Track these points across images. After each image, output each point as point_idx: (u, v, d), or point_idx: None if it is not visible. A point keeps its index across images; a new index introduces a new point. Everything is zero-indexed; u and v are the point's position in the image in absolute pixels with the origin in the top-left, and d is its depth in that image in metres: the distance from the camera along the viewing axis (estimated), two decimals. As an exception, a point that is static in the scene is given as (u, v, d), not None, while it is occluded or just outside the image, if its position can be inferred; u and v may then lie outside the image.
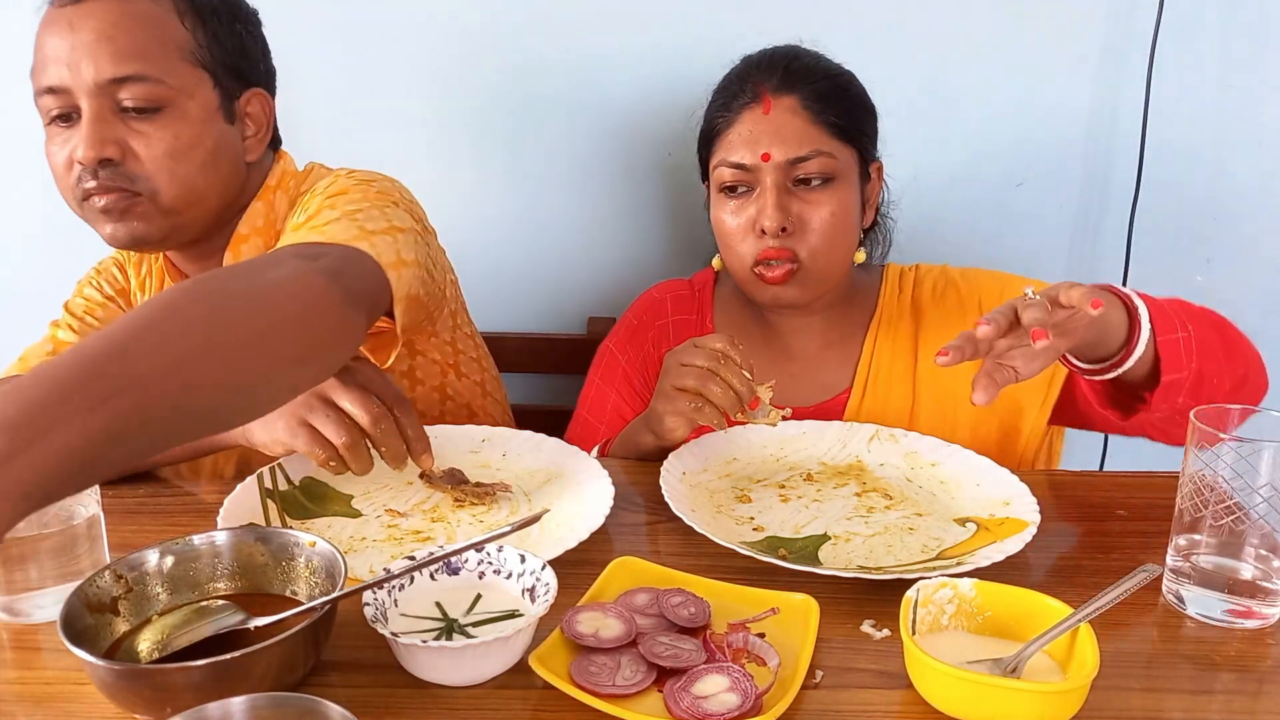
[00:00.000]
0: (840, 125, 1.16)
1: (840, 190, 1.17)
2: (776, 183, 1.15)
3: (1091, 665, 0.67)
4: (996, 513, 0.97)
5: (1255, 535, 0.80)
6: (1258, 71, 1.54)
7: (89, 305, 1.21)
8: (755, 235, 1.16)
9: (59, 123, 1.05)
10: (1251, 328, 1.67)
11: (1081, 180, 1.60)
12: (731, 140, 1.17)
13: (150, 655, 0.71)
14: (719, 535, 0.88)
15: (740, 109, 1.18)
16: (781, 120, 1.15)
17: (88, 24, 1.02)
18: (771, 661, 0.73)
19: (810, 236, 1.16)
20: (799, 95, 1.16)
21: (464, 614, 0.76)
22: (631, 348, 1.31)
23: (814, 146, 1.15)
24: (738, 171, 1.16)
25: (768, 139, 1.15)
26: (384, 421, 0.88)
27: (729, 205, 1.19)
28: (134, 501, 0.99)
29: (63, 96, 1.03)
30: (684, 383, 1.01)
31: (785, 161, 1.14)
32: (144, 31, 1.04)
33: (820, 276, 1.18)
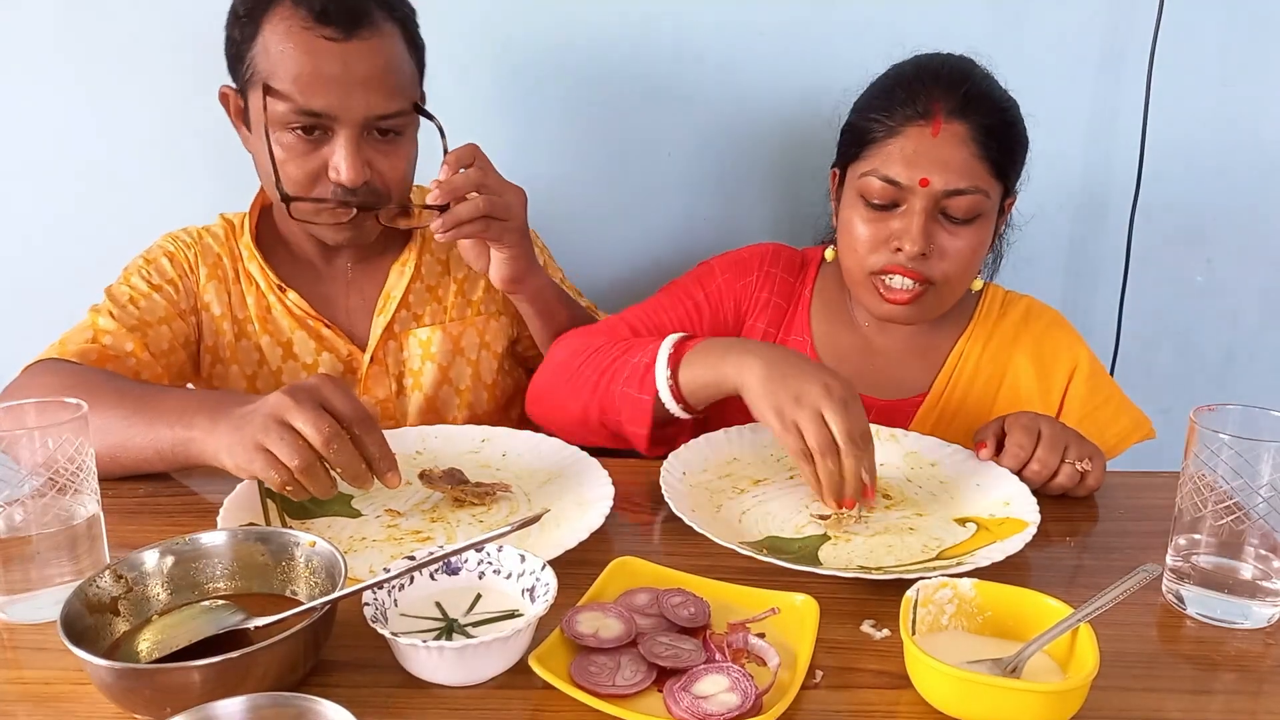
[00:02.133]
0: (999, 163, 1.14)
1: (983, 226, 1.15)
2: (926, 208, 1.12)
3: (1091, 665, 0.67)
4: (996, 513, 0.97)
5: (1255, 535, 0.80)
6: (1258, 71, 1.54)
7: (134, 294, 1.20)
8: (889, 250, 1.14)
9: (300, 133, 1.12)
10: (1251, 327, 1.69)
11: (1081, 180, 1.60)
12: (890, 152, 1.13)
13: (150, 655, 0.71)
14: (719, 535, 0.88)
15: (906, 121, 1.13)
16: (948, 147, 1.11)
17: (362, 63, 1.11)
18: (771, 661, 0.73)
19: (944, 265, 1.14)
20: (970, 125, 1.12)
21: (464, 614, 0.76)
22: (735, 272, 1.30)
23: (973, 182, 1.12)
24: (889, 187, 1.13)
25: (929, 163, 1.11)
26: (336, 442, 0.85)
27: (867, 213, 1.16)
28: (134, 501, 0.99)
29: (321, 118, 1.11)
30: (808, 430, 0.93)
31: (942, 191, 1.11)
32: (401, 68, 1.16)
33: (944, 300, 1.19)
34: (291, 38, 1.10)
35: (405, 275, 1.31)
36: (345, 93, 1.10)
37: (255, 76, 1.13)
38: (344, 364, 1.29)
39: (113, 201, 1.56)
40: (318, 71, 1.09)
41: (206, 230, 1.30)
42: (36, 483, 0.78)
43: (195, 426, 0.94)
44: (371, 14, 1.12)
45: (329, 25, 1.09)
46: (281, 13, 1.11)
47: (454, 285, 1.35)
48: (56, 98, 1.50)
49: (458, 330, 1.33)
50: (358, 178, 1.13)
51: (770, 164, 1.59)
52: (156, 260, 1.25)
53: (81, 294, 1.23)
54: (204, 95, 1.51)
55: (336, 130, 1.12)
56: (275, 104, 1.11)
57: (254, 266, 1.27)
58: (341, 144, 1.12)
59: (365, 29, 1.11)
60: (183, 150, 1.54)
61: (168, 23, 1.48)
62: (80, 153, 1.53)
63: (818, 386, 0.95)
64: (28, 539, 0.78)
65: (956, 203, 1.12)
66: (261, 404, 0.88)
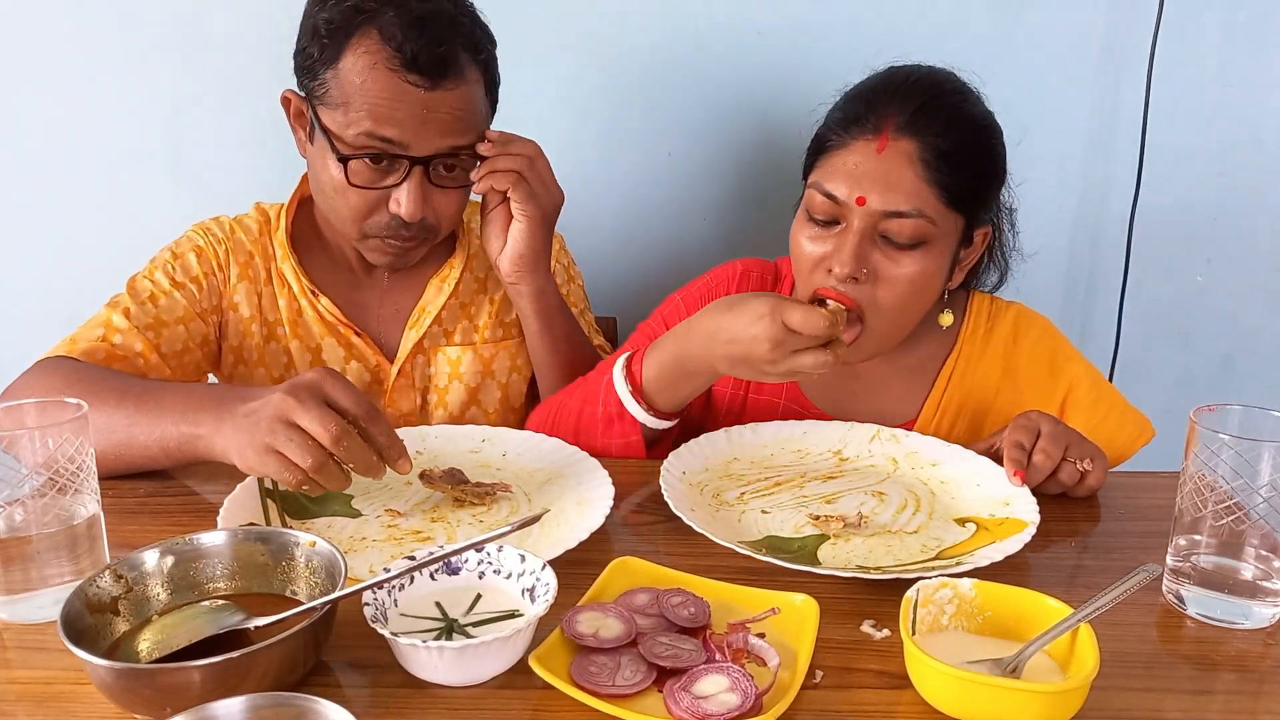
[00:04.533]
0: (953, 190, 1.07)
1: (929, 256, 1.08)
2: (863, 229, 1.06)
3: (1091, 665, 0.67)
4: (996, 513, 0.97)
5: (1255, 535, 0.80)
6: (1258, 71, 1.54)
7: (155, 290, 1.19)
8: (823, 270, 1.09)
9: (369, 160, 1.12)
10: (1251, 327, 1.69)
11: (1081, 180, 1.60)
12: (835, 166, 1.09)
13: (150, 655, 0.71)
14: (718, 535, 0.88)
15: (855, 136, 1.08)
16: (891, 166, 1.05)
17: (442, 108, 1.12)
18: (771, 661, 0.73)
19: (880, 292, 1.08)
20: (921, 144, 1.05)
21: (464, 614, 0.76)
22: (698, 305, 1.21)
23: (916, 205, 1.05)
24: (828, 202, 1.08)
25: (870, 182, 1.06)
26: (346, 439, 0.85)
27: (809, 229, 1.11)
28: (134, 501, 0.99)
29: (395, 148, 1.11)
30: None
31: (880, 211, 1.06)
32: (477, 109, 1.16)
33: (881, 337, 1.12)
34: (375, 73, 1.09)
35: (444, 292, 1.29)
36: (420, 129, 1.11)
37: (329, 97, 1.12)
38: (371, 374, 1.28)
39: (117, 200, 1.56)
40: (395, 109, 1.10)
41: (239, 223, 1.28)
42: (36, 483, 0.78)
43: (200, 424, 0.94)
44: (459, 60, 1.12)
45: (415, 72, 1.09)
46: (367, 44, 1.09)
47: (489, 305, 1.33)
48: (61, 96, 1.51)
49: (490, 353, 1.32)
50: (418, 213, 1.14)
51: (770, 164, 1.59)
52: (184, 256, 1.23)
53: (87, 291, 1.23)
54: (208, 95, 1.52)
55: (404, 161, 1.12)
56: (346, 127, 1.11)
57: (287, 268, 1.26)
58: (408, 179, 1.13)
59: (450, 78, 1.11)
60: (189, 149, 1.54)
61: (169, 22, 1.48)
62: (82, 152, 1.54)
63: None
64: (28, 539, 0.78)
65: (896, 225, 1.06)
66: (265, 404, 0.88)
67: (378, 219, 1.16)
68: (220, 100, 1.52)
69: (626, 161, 1.58)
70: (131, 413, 0.98)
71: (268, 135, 1.52)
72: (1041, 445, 1.01)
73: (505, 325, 1.33)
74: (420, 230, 1.18)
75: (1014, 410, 1.19)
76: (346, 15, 1.09)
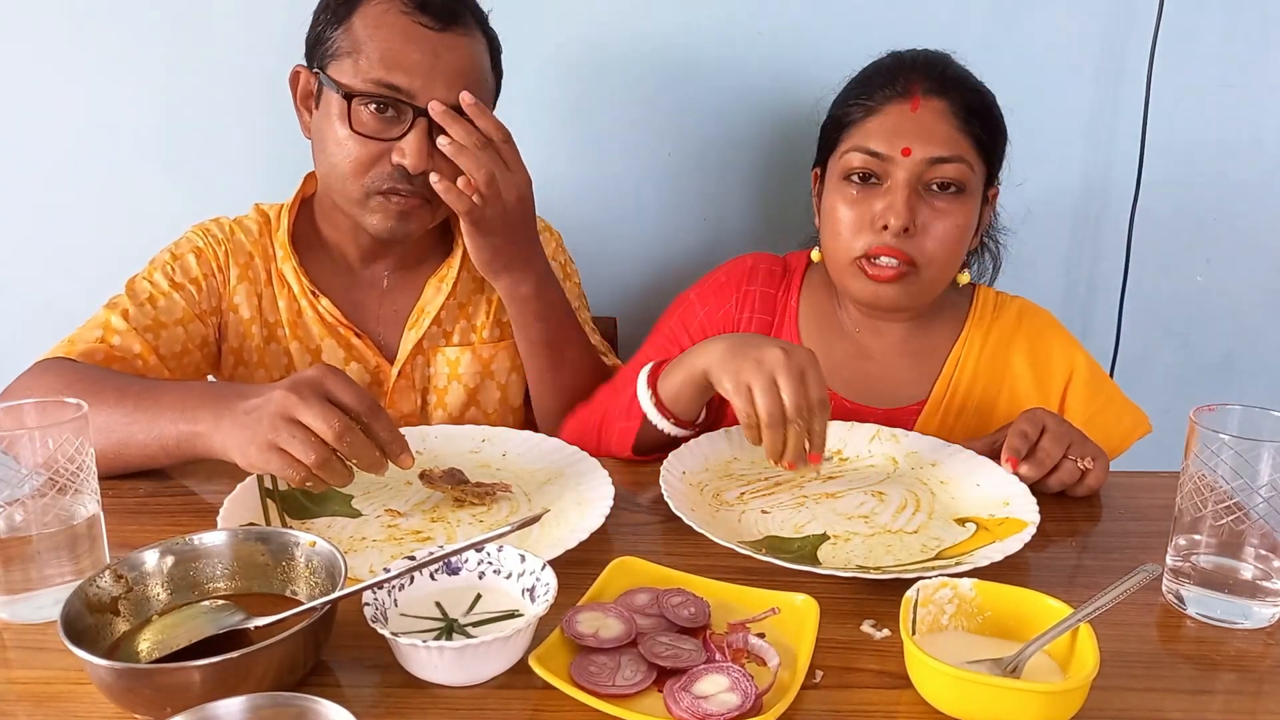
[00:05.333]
0: (982, 140, 1.15)
1: (967, 203, 1.15)
2: (909, 181, 1.12)
3: (1091, 665, 0.67)
4: (996, 513, 0.97)
5: (1255, 535, 0.80)
6: (1258, 71, 1.54)
7: (154, 292, 1.19)
8: (872, 230, 1.13)
9: (374, 109, 1.12)
10: (1251, 327, 1.69)
11: (1081, 180, 1.60)
12: (871, 129, 1.15)
13: (150, 655, 0.71)
14: (718, 535, 0.88)
15: (886, 101, 1.15)
16: (929, 120, 1.13)
17: (450, 55, 1.13)
18: (771, 661, 0.73)
19: (929, 243, 1.13)
20: (949, 101, 1.14)
21: (464, 614, 0.76)
22: (713, 301, 1.29)
23: (956, 151, 1.13)
24: (871, 159, 1.14)
25: (912, 134, 1.12)
26: (349, 435, 0.86)
27: (850, 193, 1.16)
28: (134, 501, 0.99)
29: (403, 95, 1.11)
30: (761, 402, 0.94)
31: (925, 160, 1.12)
32: (482, 74, 1.18)
33: (929, 285, 1.17)
34: (387, 18, 1.11)
35: (442, 292, 1.29)
36: (429, 76, 1.11)
37: (338, 50, 1.13)
38: (371, 375, 1.27)
39: (113, 200, 1.56)
40: (406, 51, 1.11)
41: (239, 224, 1.27)
42: (36, 483, 0.78)
43: (199, 421, 0.94)
44: (466, 17, 1.15)
45: (427, 14, 1.12)
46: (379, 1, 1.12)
47: (486, 305, 1.32)
48: (57, 96, 1.51)
49: (489, 353, 1.31)
50: (421, 164, 1.12)
51: (770, 163, 1.59)
52: (183, 257, 1.23)
53: (84, 292, 1.23)
54: (205, 95, 1.52)
55: (410, 113, 1.12)
56: (354, 75, 1.11)
57: (288, 268, 1.25)
58: (413, 129, 1.12)
59: (460, 25, 1.14)
60: (185, 149, 1.54)
61: (167, 21, 1.48)
62: (78, 152, 1.54)
63: (776, 351, 0.96)
64: (28, 539, 0.78)
65: (941, 171, 1.12)
66: (267, 400, 0.88)
67: (379, 170, 1.14)
68: (217, 100, 1.52)
69: (626, 161, 1.58)
70: (130, 411, 0.98)
71: (265, 135, 1.52)
72: (1044, 442, 1.02)
73: (503, 325, 1.32)
74: (423, 187, 1.14)
75: (1018, 395, 1.22)
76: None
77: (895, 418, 1.22)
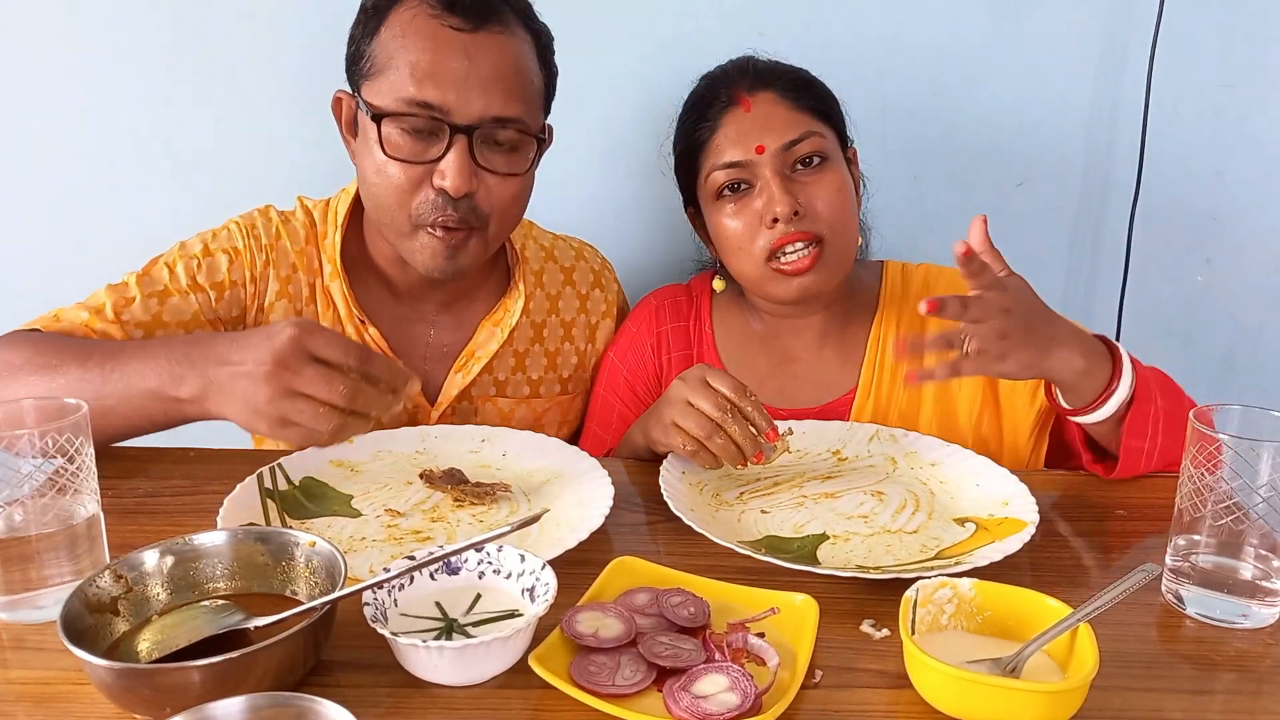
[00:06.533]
0: (819, 109, 1.18)
1: (837, 169, 1.17)
2: (776, 170, 1.14)
3: (1091, 665, 0.67)
4: (996, 513, 0.97)
5: (1255, 535, 0.80)
6: (1258, 71, 1.54)
7: (169, 286, 1.11)
8: (766, 227, 1.14)
9: (409, 132, 1.05)
10: (1251, 328, 1.69)
11: (1081, 180, 1.60)
12: (719, 144, 1.17)
13: (150, 655, 0.71)
14: (718, 535, 0.88)
15: (719, 114, 1.18)
16: (765, 112, 1.16)
17: (487, 58, 1.04)
18: (771, 661, 0.73)
19: (823, 212, 1.14)
20: (774, 89, 1.17)
21: (464, 614, 0.76)
22: (631, 356, 1.30)
23: (804, 128, 1.15)
24: (733, 170, 1.16)
25: (757, 132, 1.15)
26: (358, 395, 0.86)
27: (729, 208, 1.17)
28: (134, 501, 0.99)
29: (436, 112, 1.03)
30: (686, 424, 0.98)
31: (780, 148, 1.14)
32: (527, 74, 1.09)
33: (842, 255, 1.17)
34: (415, 26, 1.04)
35: (497, 338, 1.22)
36: (463, 87, 1.03)
37: (371, 69, 1.06)
38: (408, 415, 1.20)
39: (116, 198, 1.56)
40: (437, 61, 1.03)
41: (286, 224, 1.19)
42: (36, 483, 0.78)
43: (183, 385, 0.91)
44: (504, 13, 1.07)
45: (457, 15, 1.04)
46: (409, 3, 1.05)
47: (545, 360, 1.26)
48: (59, 93, 1.50)
49: (543, 407, 1.27)
50: (463, 185, 1.04)
51: (770, 164, 1.58)
52: (215, 256, 1.15)
53: (86, 289, 1.22)
54: (208, 93, 1.52)
55: (448, 131, 1.04)
56: (386, 95, 1.04)
57: (336, 288, 1.17)
58: (451, 149, 1.04)
59: (495, 23, 1.05)
60: (188, 146, 1.54)
61: (169, 18, 1.48)
62: (80, 150, 1.53)
63: (676, 384, 1.02)
64: (28, 539, 0.78)
65: (798, 151, 1.14)
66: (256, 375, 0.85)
67: (423, 197, 1.06)
68: (223, 97, 1.52)
69: (626, 162, 1.58)
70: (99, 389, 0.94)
71: (273, 132, 1.52)
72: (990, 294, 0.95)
73: (563, 381, 1.28)
74: (470, 214, 1.07)
75: None
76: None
77: (830, 412, 1.22)
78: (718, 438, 0.98)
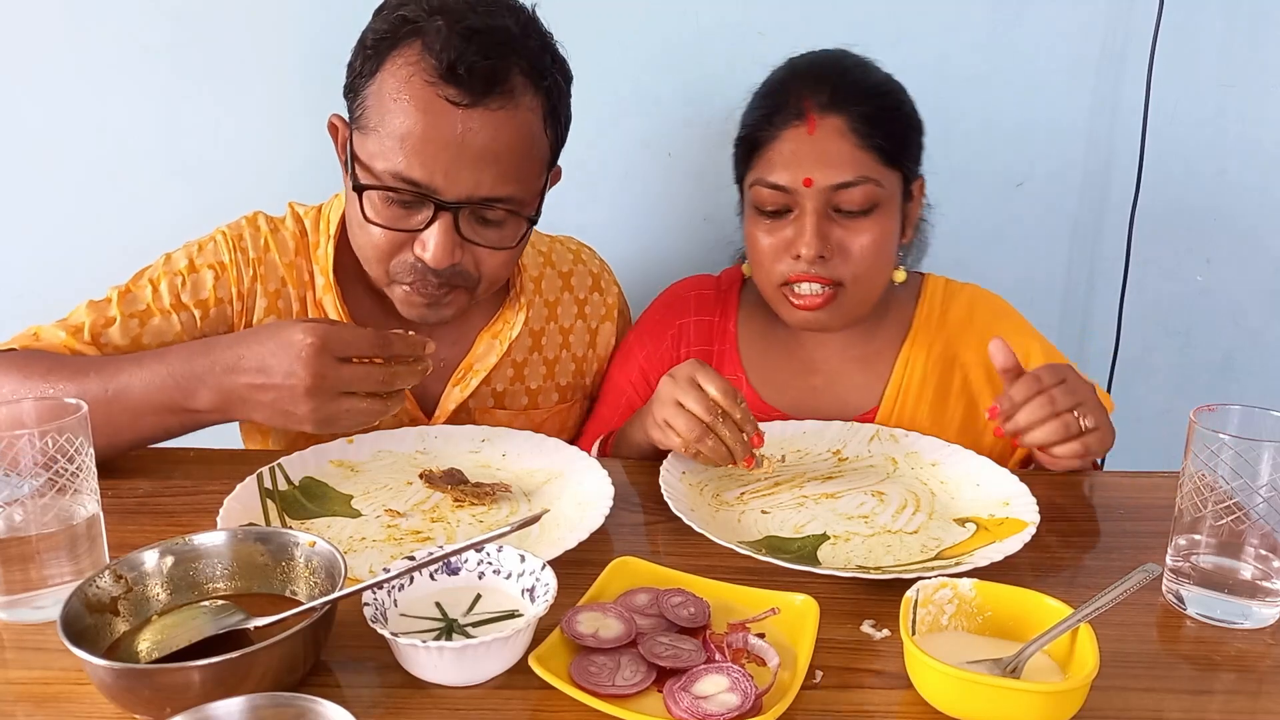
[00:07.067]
0: (887, 149, 1.11)
1: (882, 218, 1.12)
2: (817, 208, 1.10)
3: (1091, 665, 0.67)
4: (996, 513, 0.97)
5: (1255, 535, 0.80)
6: (1258, 71, 1.54)
7: (150, 305, 1.08)
8: (790, 257, 1.11)
9: (395, 204, 1.01)
10: (1251, 327, 1.69)
11: (1081, 180, 1.60)
12: (771, 159, 1.12)
13: (150, 655, 0.71)
14: (718, 535, 0.88)
15: (783, 125, 1.12)
16: (827, 143, 1.09)
17: (480, 136, 0.98)
18: (771, 661, 0.73)
19: (849, 262, 1.11)
20: (846, 117, 1.10)
21: (464, 614, 0.76)
22: (651, 342, 1.28)
23: (860, 173, 1.09)
24: (776, 193, 1.11)
25: (811, 162, 1.09)
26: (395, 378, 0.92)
27: (763, 224, 1.14)
28: (134, 501, 0.99)
29: (419, 189, 0.99)
30: (677, 424, 0.97)
31: (829, 186, 1.09)
32: (524, 151, 1.02)
33: (857, 302, 1.15)
34: (409, 89, 0.97)
35: (495, 350, 1.19)
36: (453, 166, 0.97)
37: (365, 119, 1.01)
38: (408, 421, 1.18)
39: (115, 199, 1.56)
40: (427, 137, 0.97)
41: (275, 236, 1.15)
42: (36, 483, 0.78)
43: (196, 398, 0.95)
44: (509, 81, 0.99)
45: (455, 85, 0.96)
46: (408, 56, 0.98)
47: (544, 368, 1.25)
48: (59, 94, 1.51)
49: (541, 418, 1.26)
50: (445, 259, 1.01)
51: (770, 164, 1.59)
52: (200, 272, 1.11)
53: (84, 292, 1.22)
54: (207, 95, 1.52)
55: (431, 206, 1.00)
56: (374, 158, 1.00)
57: (329, 301, 1.14)
58: (434, 223, 1.00)
59: (497, 97, 0.98)
60: (188, 146, 1.54)
61: (169, 18, 1.48)
62: (80, 151, 1.54)
63: (666, 382, 1.01)
64: (28, 539, 0.78)
65: (847, 196, 1.10)
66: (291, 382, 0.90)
67: (402, 259, 1.04)
68: (221, 97, 1.52)
69: (626, 162, 1.58)
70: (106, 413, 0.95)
71: (272, 134, 1.52)
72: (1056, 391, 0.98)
73: (561, 389, 1.27)
74: (454, 277, 1.04)
75: (971, 391, 1.19)
76: (394, 25, 0.99)
77: None
78: (709, 439, 0.97)
